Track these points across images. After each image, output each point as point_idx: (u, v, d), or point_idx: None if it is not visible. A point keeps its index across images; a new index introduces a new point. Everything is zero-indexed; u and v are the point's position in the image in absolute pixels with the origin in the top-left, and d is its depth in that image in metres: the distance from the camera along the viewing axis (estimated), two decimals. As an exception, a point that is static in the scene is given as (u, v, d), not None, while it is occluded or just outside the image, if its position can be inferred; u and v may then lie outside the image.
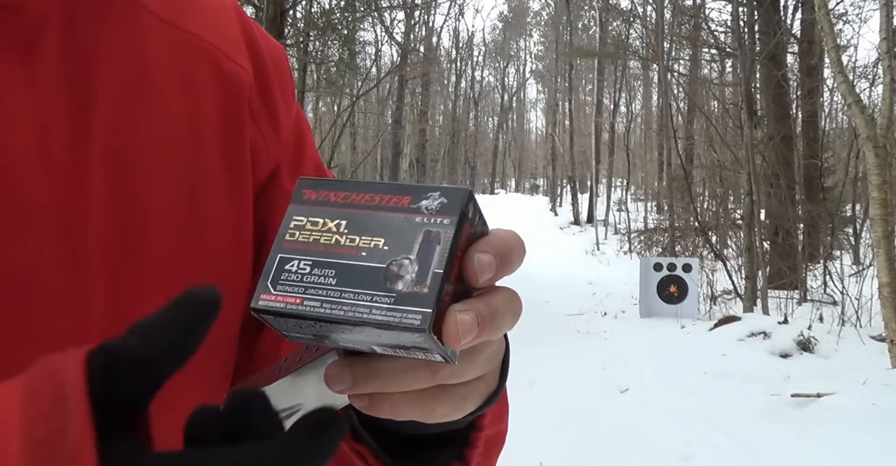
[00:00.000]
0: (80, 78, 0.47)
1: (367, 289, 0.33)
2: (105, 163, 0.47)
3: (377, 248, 0.34)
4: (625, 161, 25.75)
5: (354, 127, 23.02)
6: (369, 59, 17.88)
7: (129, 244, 0.47)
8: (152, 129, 0.50)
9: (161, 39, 0.52)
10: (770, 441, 3.97)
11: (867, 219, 8.71)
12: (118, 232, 0.47)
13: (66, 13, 0.48)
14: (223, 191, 0.53)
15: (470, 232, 0.35)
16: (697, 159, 16.99)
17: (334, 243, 0.35)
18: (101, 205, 0.46)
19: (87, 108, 0.47)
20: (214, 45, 0.56)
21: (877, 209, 5.34)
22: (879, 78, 9.46)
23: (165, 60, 0.52)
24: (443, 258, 0.33)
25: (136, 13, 0.52)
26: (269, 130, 0.58)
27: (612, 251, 17.21)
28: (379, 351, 0.35)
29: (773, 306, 8.08)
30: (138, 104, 0.49)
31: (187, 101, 0.52)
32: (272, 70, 0.60)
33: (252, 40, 0.60)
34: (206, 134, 0.53)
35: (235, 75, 0.56)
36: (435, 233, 0.34)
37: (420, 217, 0.35)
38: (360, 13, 12.51)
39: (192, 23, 0.55)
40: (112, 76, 0.49)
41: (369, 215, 0.35)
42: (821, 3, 5.84)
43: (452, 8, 27.19)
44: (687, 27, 16.13)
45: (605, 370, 5.91)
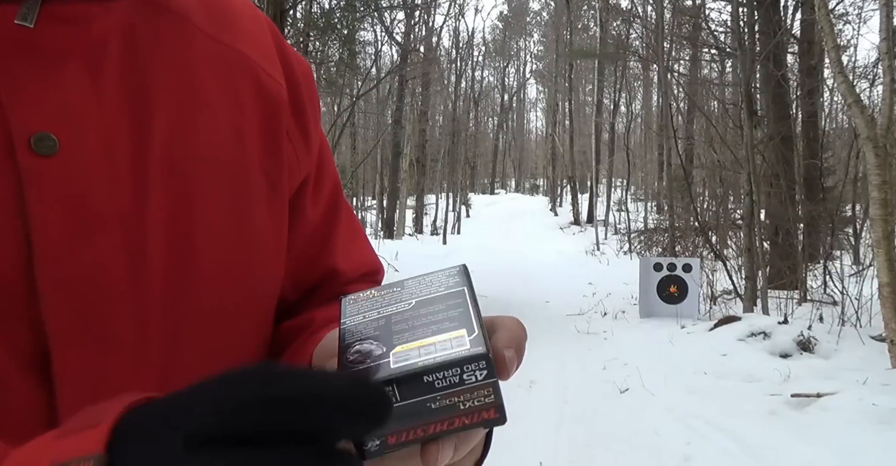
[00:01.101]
0: (140, 90, 0.50)
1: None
2: (163, 173, 0.49)
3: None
4: (625, 161, 25.75)
5: (354, 127, 23.01)
6: (369, 59, 17.87)
7: (183, 250, 0.50)
8: (203, 141, 0.52)
9: (208, 54, 0.55)
10: (770, 441, 3.97)
11: (867, 219, 8.71)
12: (174, 239, 0.49)
13: (126, 28, 0.51)
14: (265, 201, 0.56)
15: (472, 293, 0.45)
16: (697, 159, 16.99)
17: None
18: (160, 214, 0.49)
19: (146, 120, 0.49)
20: (255, 60, 0.58)
21: (877, 209, 5.34)
22: (879, 78, 9.46)
23: (213, 75, 0.55)
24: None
25: (186, 29, 0.55)
26: (301, 145, 0.61)
27: (612, 251, 17.22)
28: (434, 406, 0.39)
29: (773, 306, 8.08)
30: (190, 117, 0.52)
31: (233, 115, 0.55)
32: (303, 86, 0.63)
33: (284, 56, 0.63)
34: (250, 147, 0.56)
35: (274, 91, 0.59)
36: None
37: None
38: (360, 13, 12.51)
39: (235, 39, 0.58)
40: (167, 89, 0.51)
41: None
42: (821, 3, 5.84)
43: (452, 8, 27.17)
44: (687, 27, 16.13)
45: (605, 370, 5.91)
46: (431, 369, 0.37)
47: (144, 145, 0.49)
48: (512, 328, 0.43)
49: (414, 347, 0.39)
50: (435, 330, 0.40)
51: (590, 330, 7.73)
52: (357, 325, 0.43)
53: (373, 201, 26.36)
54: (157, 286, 0.48)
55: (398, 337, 0.40)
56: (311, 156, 0.63)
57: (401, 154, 22.91)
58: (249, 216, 0.55)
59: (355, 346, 0.40)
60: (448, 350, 0.38)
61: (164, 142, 0.50)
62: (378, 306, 0.44)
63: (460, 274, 0.46)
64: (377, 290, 0.46)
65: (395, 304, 0.44)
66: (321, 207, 0.66)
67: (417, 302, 0.43)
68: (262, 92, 0.58)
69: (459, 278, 0.45)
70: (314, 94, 0.66)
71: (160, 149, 0.50)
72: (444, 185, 27.85)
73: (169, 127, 0.50)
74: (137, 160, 0.48)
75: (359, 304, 0.45)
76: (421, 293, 0.44)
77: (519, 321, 0.44)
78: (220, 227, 0.52)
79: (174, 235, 0.50)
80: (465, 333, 0.39)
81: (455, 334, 0.39)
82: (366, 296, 0.46)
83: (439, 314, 0.42)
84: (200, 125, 0.53)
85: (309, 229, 0.64)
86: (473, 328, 0.40)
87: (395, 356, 0.38)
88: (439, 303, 0.43)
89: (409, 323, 0.41)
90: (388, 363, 0.38)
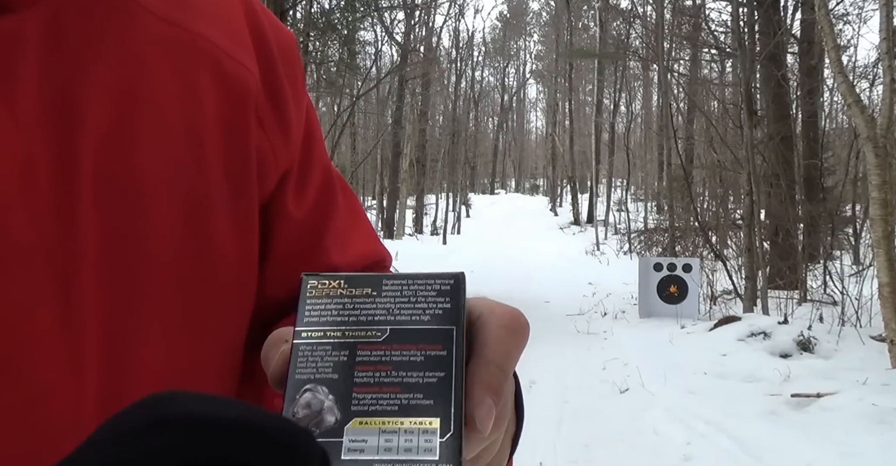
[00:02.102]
0: (65, 94, 0.42)
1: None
2: (95, 191, 0.42)
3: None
4: (625, 161, 25.75)
5: (354, 127, 23.01)
6: (369, 59, 17.88)
7: (126, 279, 0.43)
8: (147, 147, 0.44)
9: (158, 40, 0.46)
10: (770, 441, 3.97)
11: (867, 219, 8.71)
12: (113, 268, 0.42)
13: (49, 19, 0.42)
14: (226, 208, 0.48)
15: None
16: (697, 159, 16.99)
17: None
18: (93, 242, 0.41)
19: (72, 130, 0.41)
20: (217, 44, 0.50)
21: (877, 209, 5.34)
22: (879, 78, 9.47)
23: (163, 65, 0.46)
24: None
25: (130, 11, 0.46)
26: (277, 135, 0.53)
27: (612, 251, 17.22)
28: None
29: (773, 306, 8.08)
30: (133, 117, 0.44)
31: (187, 113, 0.47)
32: (280, 64, 0.55)
33: (259, 33, 0.54)
34: (208, 147, 0.48)
35: (240, 79, 0.51)
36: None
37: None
38: (360, 13, 12.51)
39: (193, 19, 0.49)
40: (102, 87, 0.43)
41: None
42: (821, 3, 5.84)
43: (452, 8, 27.19)
44: (687, 27, 16.13)
45: (605, 370, 5.91)
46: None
47: (70, 162, 0.41)
48: (497, 349, 0.35)
49: (374, 427, 0.32)
50: (403, 406, 0.33)
51: (590, 329, 7.73)
52: (314, 349, 0.35)
53: (373, 201, 26.34)
54: (94, 325, 0.41)
55: (358, 398, 0.33)
56: (292, 147, 0.55)
57: (401, 154, 22.92)
58: (208, 231, 0.47)
59: (305, 395, 0.33)
60: (411, 454, 0.32)
61: (95, 154, 0.42)
62: (344, 315, 0.36)
63: (453, 294, 0.36)
64: (348, 283, 0.37)
65: (365, 325, 0.35)
66: (308, 203, 0.58)
67: (392, 332, 0.35)
68: (225, 81, 0.49)
69: (451, 301, 0.36)
70: (297, 71, 0.57)
71: (91, 163, 0.42)
72: (444, 185, 27.86)
73: (103, 137, 0.42)
74: (63, 181, 0.41)
75: (322, 303, 0.36)
76: (399, 315, 0.36)
77: (514, 319, 0.36)
78: (170, 250, 0.45)
79: (113, 263, 0.42)
80: (437, 426, 0.32)
81: (426, 423, 0.33)
82: (333, 289, 0.37)
83: (413, 371, 0.34)
84: (144, 129, 0.44)
85: (295, 228, 0.56)
86: (449, 420, 0.32)
87: (350, 434, 0.32)
88: (416, 344, 0.35)
89: (374, 371, 0.34)
90: (339, 445, 0.32)
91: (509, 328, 0.36)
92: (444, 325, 0.35)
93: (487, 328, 0.35)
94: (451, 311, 0.35)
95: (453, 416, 0.33)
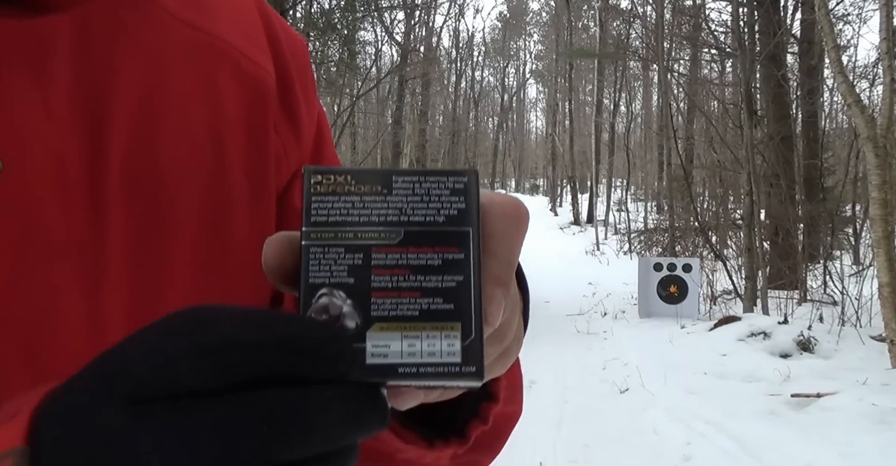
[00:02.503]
0: (95, 93, 0.43)
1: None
2: (123, 189, 0.43)
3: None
4: (625, 161, 25.75)
5: (354, 127, 23.02)
6: (369, 59, 17.88)
7: (150, 274, 0.44)
8: (172, 147, 0.46)
9: (181, 43, 0.48)
10: (770, 441, 3.97)
11: (867, 219, 8.71)
12: (139, 262, 0.44)
13: (79, 21, 0.43)
14: (246, 206, 0.49)
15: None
16: (697, 159, 16.99)
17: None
18: (121, 236, 0.43)
19: (102, 128, 0.43)
20: (237, 46, 0.51)
21: (877, 209, 5.34)
22: (879, 78, 9.47)
23: (186, 67, 0.48)
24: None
25: (154, 15, 0.47)
26: (289, 137, 0.54)
27: (612, 251, 17.21)
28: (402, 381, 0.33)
29: (773, 306, 8.08)
30: (157, 119, 0.45)
31: (209, 112, 0.48)
32: (293, 69, 0.56)
33: (273, 37, 0.55)
34: (230, 146, 0.49)
35: (259, 80, 0.52)
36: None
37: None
38: (360, 13, 12.52)
39: (213, 22, 0.50)
40: (129, 89, 0.44)
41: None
42: (821, 3, 5.84)
43: (452, 8, 27.20)
44: (687, 27, 16.13)
45: (605, 370, 5.91)
46: (412, 380, 0.32)
47: (100, 158, 0.42)
48: (502, 241, 0.34)
49: (396, 332, 0.32)
50: (424, 311, 0.32)
51: (590, 330, 7.73)
52: (325, 251, 0.33)
53: (373, 201, 26.26)
54: (119, 322, 0.42)
55: (378, 304, 0.32)
56: (303, 147, 0.56)
57: (401, 154, 22.91)
58: (228, 229, 0.48)
59: (322, 299, 0.32)
60: (435, 357, 0.32)
61: (123, 152, 0.43)
62: (354, 215, 0.34)
63: (468, 192, 0.34)
64: (355, 179, 0.34)
65: (378, 226, 0.34)
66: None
67: (407, 234, 0.34)
68: (246, 83, 0.51)
69: (466, 201, 0.34)
70: (307, 76, 0.58)
71: (119, 160, 0.43)
72: (444, 185, 27.77)
73: (130, 136, 0.44)
74: (93, 176, 0.42)
75: (329, 201, 0.34)
76: (413, 215, 0.34)
77: (515, 209, 0.35)
78: (192, 241, 0.46)
79: (139, 256, 0.43)
80: (459, 331, 0.32)
81: (447, 327, 0.32)
82: (339, 185, 0.34)
83: (431, 275, 0.33)
84: (169, 130, 0.46)
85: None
86: (470, 324, 0.32)
87: (372, 339, 0.32)
88: (433, 247, 0.33)
89: (391, 275, 0.33)
90: (362, 350, 0.31)
91: (512, 218, 0.35)
92: (461, 227, 0.34)
93: (491, 219, 0.34)
94: (467, 212, 0.34)
95: (474, 320, 0.33)
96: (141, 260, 0.44)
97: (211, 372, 0.27)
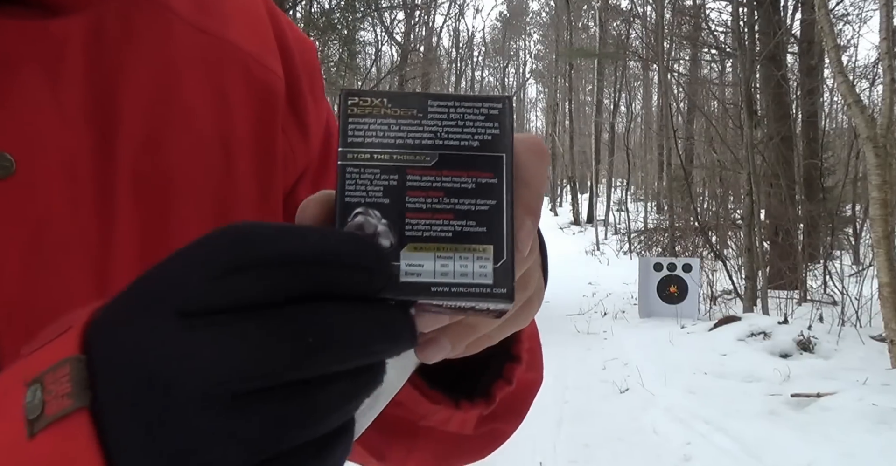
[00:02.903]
0: (106, 96, 0.44)
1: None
2: (132, 190, 0.44)
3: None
4: (625, 161, 25.74)
5: (354, 127, 22.97)
6: (369, 59, 17.89)
7: None
8: (181, 149, 0.46)
9: (191, 47, 0.49)
10: (770, 441, 3.97)
11: (867, 219, 8.71)
12: (147, 260, 0.44)
13: (92, 24, 0.44)
14: (254, 210, 0.50)
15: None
16: (697, 159, 16.99)
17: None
18: (129, 237, 0.44)
19: (113, 129, 0.44)
20: (246, 50, 0.51)
21: (877, 209, 5.34)
22: (879, 78, 9.47)
23: (195, 71, 0.48)
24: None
25: (165, 19, 0.48)
26: (297, 140, 0.55)
27: (612, 251, 17.21)
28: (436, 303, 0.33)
29: (773, 306, 8.08)
30: (166, 122, 0.46)
31: (218, 116, 0.49)
32: (302, 70, 0.56)
33: (283, 40, 0.56)
34: (238, 150, 0.49)
35: (268, 84, 0.52)
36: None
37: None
38: (360, 13, 12.52)
39: (223, 26, 0.51)
40: (139, 92, 0.45)
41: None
42: (821, 3, 5.84)
43: (452, 8, 27.22)
44: (687, 27, 16.13)
45: (605, 370, 5.92)
46: (444, 299, 0.32)
47: (110, 160, 0.43)
48: (529, 172, 0.35)
49: (430, 253, 0.32)
50: (457, 233, 0.33)
51: (590, 329, 7.73)
52: (361, 171, 0.33)
53: (373, 201, 26.29)
54: None
55: (412, 224, 0.33)
56: (310, 147, 0.57)
57: (401, 154, 22.90)
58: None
59: (357, 217, 0.32)
60: (467, 278, 0.32)
61: (133, 154, 0.44)
62: (390, 137, 0.34)
63: (502, 119, 0.35)
64: (391, 102, 0.35)
65: (413, 149, 0.34)
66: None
67: (441, 157, 0.34)
68: (255, 87, 0.51)
69: (500, 127, 0.35)
70: (316, 77, 0.58)
71: (129, 162, 0.44)
72: (444, 185, 27.80)
73: (140, 134, 0.44)
74: (102, 178, 0.43)
75: (365, 123, 0.34)
76: (447, 139, 0.34)
77: (537, 143, 0.36)
78: None
79: (146, 258, 0.44)
80: (490, 253, 0.32)
81: (479, 250, 0.33)
82: (376, 107, 0.35)
83: (465, 198, 0.33)
84: (177, 132, 0.46)
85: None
86: (502, 248, 0.33)
87: (406, 258, 0.32)
88: (467, 171, 0.34)
89: (426, 197, 0.33)
90: (396, 269, 0.32)
91: (536, 152, 0.36)
92: (495, 152, 0.34)
93: (518, 151, 0.35)
94: (501, 137, 0.35)
95: (506, 244, 0.33)
96: (149, 259, 0.43)
97: (254, 285, 0.27)
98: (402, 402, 0.46)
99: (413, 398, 0.46)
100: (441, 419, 0.48)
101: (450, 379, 0.49)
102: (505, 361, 0.49)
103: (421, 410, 0.47)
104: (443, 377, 0.48)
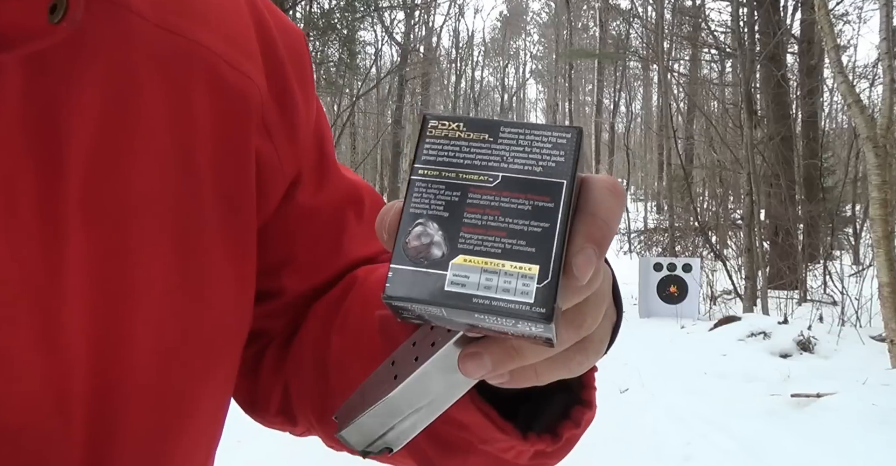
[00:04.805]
0: (50, 118, 0.38)
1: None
2: (83, 216, 0.39)
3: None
4: (625, 161, 25.75)
5: (354, 127, 23.03)
6: (369, 59, 17.90)
7: (113, 311, 0.40)
8: (136, 169, 0.42)
9: (152, 49, 0.43)
10: (770, 441, 3.97)
11: (867, 219, 8.71)
12: (100, 300, 0.40)
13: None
14: (219, 229, 0.46)
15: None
16: (697, 159, 17.00)
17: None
18: (79, 273, 0.39)
19: (58, 154, 0.38)
20: (216, 52, 0.46)
21: (877, 209, 5.34)
22: (879, 78, 9.47)
23: (155, 79, 0.43)
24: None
25: (122, 20, 0.42)
26: (285, 142, 0.51)
27: (612, 251, 17.22)
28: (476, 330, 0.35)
29: (773, 306, 8.08)
30: (119, 141, 0.41)
31: (178, 130, 0.44)
32: (289, 66, 0.52)
33: (266, 36, 0.51)
34: (200, 165, 0.45)
35: (239, 89, 0.47)
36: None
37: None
38: (360, 13, 12.52)
39: (191, 25, 0.45)
40: (89, 110, 0.40)
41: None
42: (821, 3, 5.84)
43: (452, 8, 27.22)
44: (687, 27, 16.13)
45: (605, 370, 5.87)
46: (483, 313, 0.33)
47: (55, 187, 0.38)
48: (602, 205, 0.35)
49: (477, 266, 0.34)
50: (507, 250, 0.34)
51: (590, 330, 7.73)
52: (428, 186, 0.36)
53: (373, 201, 26.30)
54: (82, 358, 0.39)
55: (465, 238, 0.34)
56: (300, 151, 0.53)
57: (401, 154, 22.92)
58: (198, 253, 0.45)
59: (417, 227, 0.35)
60: (509, 294, 0.33)
61: (81, 178, 0.39)
62: (460, 157, 0.36)
63: (568, 148, 0.36)
64: (467, 126, 0.37)
65: (479, 169, 0.36)
66: (328, 195, 0.56)
67: (504, 179, 0.36)
68: (222, 92, 0.46)
69: (566, 156, 0.36)
70: (306, 71, 0.54)
71: (77, 188, 0.39)
72: (444, 185, 27.82)
73: (90, 159, 0.39)
74: (47, 208, 0.38)
75: (440, 143, 0.37)
76: (513, 162, 0.36)
77: (615, 184, 0.36)
78: (158, 272, 0.42)
79: (99, 295, 0.40)
80: (536, 273, 0.33)
81: (525, 268, 0.34)
82: (452, 130, 0.37)
83: (519, 219, 0.35)
84: (133, 150, 0.41)
85: (316, 223, 0.55)
86: (548, 269, 0.33)
87: (454, 269, 0.34)
88: (526, 195, 0.35)
89: (482, 214, 0.35)
90: (443, 277, 0.33)
91: (612, 190, 0.36)
92: (556, 178, 0.35)
93: (592, 187, 0.35)
94: (564, 165, 0.36)
95: (552, 266, 0.34)
96: (105, 289, 0.40)
97: None
98: (467, 426, 0.46)
99: (480, 423, 0.46)
100: (503, 447, 0.48)
101: (508, 405, 0.48)
102: (573, 403, 0.49)
103: (485, 436, 0.47)
104: (504, 403, 0.48)
